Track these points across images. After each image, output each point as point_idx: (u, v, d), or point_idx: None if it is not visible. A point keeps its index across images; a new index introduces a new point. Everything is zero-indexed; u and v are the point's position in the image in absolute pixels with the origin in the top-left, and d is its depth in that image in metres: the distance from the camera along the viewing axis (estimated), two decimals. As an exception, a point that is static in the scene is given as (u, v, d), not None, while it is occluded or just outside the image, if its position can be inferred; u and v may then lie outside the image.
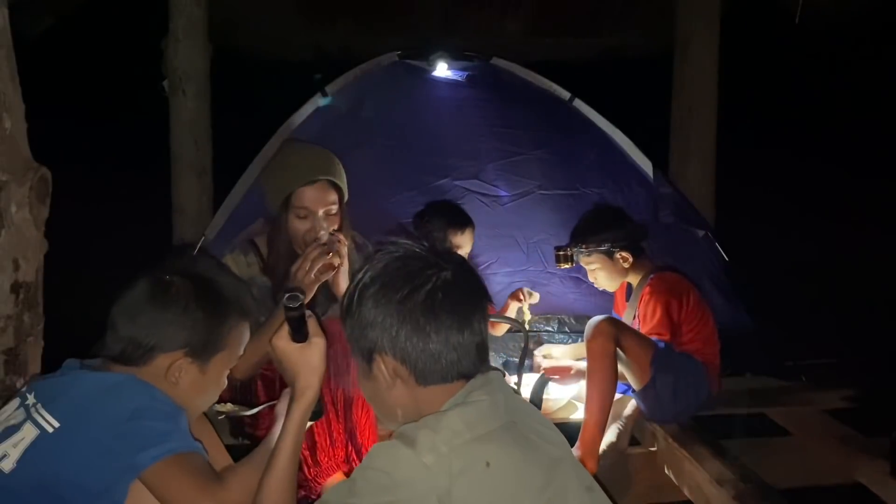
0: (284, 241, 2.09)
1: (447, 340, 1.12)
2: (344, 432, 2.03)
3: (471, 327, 1.14)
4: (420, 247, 1.18)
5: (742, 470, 2.14)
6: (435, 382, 1.14)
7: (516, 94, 3.72)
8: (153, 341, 1.32)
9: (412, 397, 1.15)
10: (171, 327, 1.33)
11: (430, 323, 1.11)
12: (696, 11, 4.18)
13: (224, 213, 3.29)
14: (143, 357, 1.33)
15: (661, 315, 2.51)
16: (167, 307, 1.34)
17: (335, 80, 3.59)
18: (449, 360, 1.13)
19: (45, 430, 1.22)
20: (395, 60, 3.66)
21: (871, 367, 3.07)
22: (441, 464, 1.03)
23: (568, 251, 2.72)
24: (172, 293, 1.34)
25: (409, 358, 1.12)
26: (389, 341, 1.13)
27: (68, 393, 1.28)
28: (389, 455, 1.06)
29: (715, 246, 3.44)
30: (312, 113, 3.47)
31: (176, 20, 3.87)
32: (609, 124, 3.66)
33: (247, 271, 2.10)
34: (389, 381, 1.15)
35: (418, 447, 1.04)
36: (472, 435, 1.06)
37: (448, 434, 1.05)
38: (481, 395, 1.12)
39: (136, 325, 1.33)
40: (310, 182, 2.03)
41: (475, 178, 3.55)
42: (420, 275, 1.13)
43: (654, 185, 3.51)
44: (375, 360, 1.15)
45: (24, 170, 1.71)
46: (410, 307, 1.11)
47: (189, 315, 1.34)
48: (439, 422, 1.07)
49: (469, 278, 1.18)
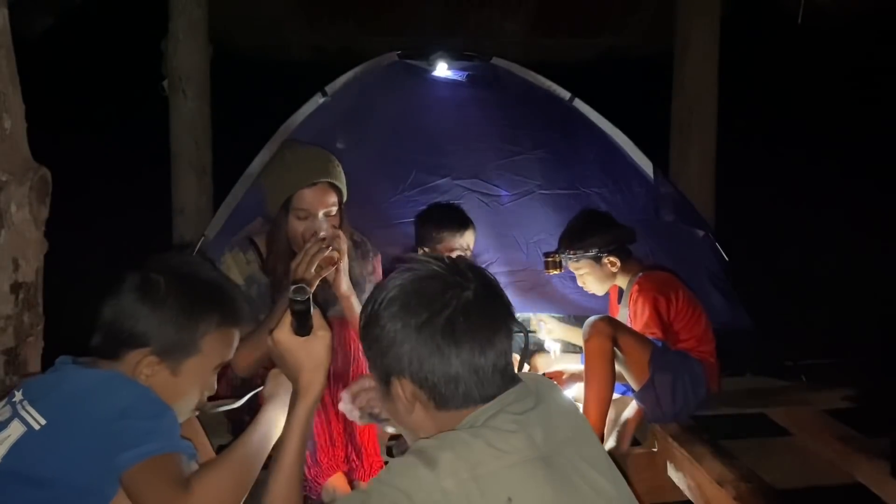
0: (283, 242, 2.09)
1: (469, 364, 1.07)
2: (344, 432, 2.03)
3: (493, 347, 1.09)
4: (440, 265, 1.13)
5: (742, 470, 2.14)
6: (455, 407, 1.09)
7: (516, 93, 3.71)
8: (124, 335, 1.29)
9: (432, 421, 1.11)
10: (142, 322, 1.29)
11: (451, 347, 1.07)
12: (696, 11, 4.17)
13: (224, 212, 3.29)
14: (115, 351, 1.30)
15: (651, 312, 2.52)
16: (143, 302, 1.30)
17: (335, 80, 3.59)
18: (470, 385, 1.08)
19: (31, 428, 1.20)
20: (395, 60, 3.66)
21: (871, 367, 3.07)
22: (460, 491, 0.97)
23: (556, 257, 2.76)
24: (151, 289, 1.31)
25: (427, 383, 1.08)
26: (408, 365, 1.09)
27: (56, 390, 1.26)
28: (408, 474, 1.00)
29: (715, 246, 3.44)
30: (312, 113, 3.47)
31: (176, 20, 3.87)
32: (609, 124, 3.65)
33: (246, 269, 2.11)
34: (408, 405, 1.12)
35: (439, 470, 0.98)
36: (499, 465, 1.00)
37: (472, 460, 0.99)
38: (511, 423, 1.04)
39: (113, 317, 1.30)
40: (310, 184, 2.03)
41: (475, 178, 3.55)
42: (440, 298, 1.08)
43: (655, 185, 3.51)
44: (393, 383, 1.12)
45: (24, 170, 1.71)
46: (430, 332, 1.07)
47: (161, 313, 1.30)
48: (464, 445, 1.01)
49: (492, 296, 1.13)
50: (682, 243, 3.42)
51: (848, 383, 2.93)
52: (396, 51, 3.66)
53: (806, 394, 2.91)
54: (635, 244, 2.83)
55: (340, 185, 2.10)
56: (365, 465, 2.04)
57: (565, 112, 3.66)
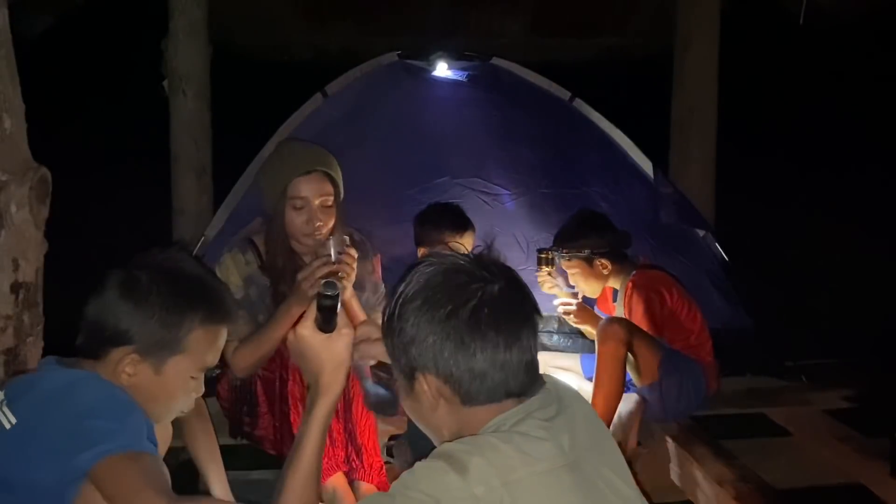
0: (281, 235, 2.08)
1: (493, 359, 1.05)
2: (344, 432, 2.03)
3: (519, 343, 1.06)
4: (465, 259, 1.12)
5: (742, 470, 2.14)
6: (481, 403, 1.06)
7: (516, 93, 3.72)
8: (106, 334, 1.27)
9: (457, 418, 1.09)
10: (124, 319, 1.26)
11: (476, 340, 1.04)
12: (696, 11, 4.17)
13: (224, 212, 3.29)
14: (98, 350, 1.28)
15: (644, 310, 2.52)
16: (125, 299, 1.27)
17: (335, 80, 3.59)
18: (495, 380, 1.05)
19: (2, 427, 1.19)
20: (395, 60, 3.66)
21: (871, 367, 3.07)
22: (491, 498, 0.95)
23: (549, 254, 2.75)
24: (133, 285, 1.28)
25: (453, 377, 1.05)
26: (432, 360, 1.06)
27: (32, 390, 1.25)
28: (437, 479, 0.97)
29: (715, 246, 3.44)
30: (312, 113, 3.47)
31: (176, 20, 3.86)
32: (609, 124, 3.66)
33: (245, 270, 2.10)
34: (433, 401, 1.09)
35: (469, 476, 0.95)
36: (528, 472, 0.98)
37: (503, 467, 0.97)
38: (540, 430, 1.02)
39: (96, 316, 1.28)
40: (305, 172, 2.03)
41: (475, 177, 3.55)
42: (465, 289, 1.06)
43: (655, 185, 3.51)
44: (417, 378, 1.09)
45: (24, 170, 1.71)
46: (454, 324, 1.04)
47: (144, 309, 1.26)
48: (494, 450, 0.98)
49: (517, 291, 1.11)
50: (682, 243, 3.43)
51: (848, 383, 2.93)
52: (396, 51, 3.67)
53: (806, 394, 2.91)
54: (634, 244, 2.82)
55: (336, 178, 2.10)
56: (365, 465, 2.04)
57: (565, 112, 3.67)
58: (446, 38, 4.64)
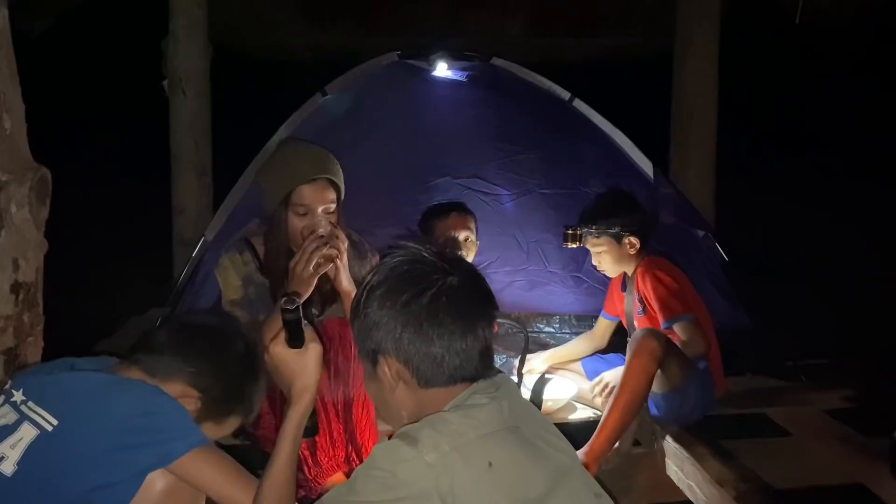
0: (282, 239, 2.08)
1: (450, 345, 1.12)
2: (344, 433, 2.03)
3: (474, 333, 1.14)
4: (429, 252, 1.19)
5: (742, 470, 2.14)
6: (437, 385, 1.14)
7: (516, 93, 3.71)
8: (187, 368, 1.37)
9: (415, 399, 1.16)
10: (220, 377, 1.39)
11: (434, 327, 1.11)
12: (696, 12, 4.17)
13: (224, 213, 3.29)
14: (163, 372, 1.36)
15: (668, 291, 2.49)
16: (237, 367, 1.42)
17: (335, 80, 3.59)
18: (451, 365, 1.13)
19: (44, 429, 1.21)
20: (395, 60, 3.65)
21: (871, 367, 3.07)
22: (443, 463, 1.03)
23: (577, 231, 2.69)
24: (251, 360, 1.43)
25: (412, 361, 1.13)
26: (393, 343, 1.13)
27: (66, 390, 1.27)
28: (391, 454, 1.05)
29: (715, 246, 3.44)
30: (312, 113, 3.47)
31: (176, 20, 3.87)
32: (609, 124, 3.65)
33: (243, 270, 2.10)
34: (392, 383, 1.16)
35: (420, 446, 1.04)
36: (475, 434, 1.07)
37: (451, 434, 1.05)
38: (483, 398, 1.12)
39: (188, 356, 1.38)
40: (310, 180, 2.03)
41: (475, 178, 3.55)
42: (426, 279, 1.14)
43: (655, 185, 3.50)
44: (379, 361, 1.16)
45: (24, 170, 1.71)
46: (414, 310, 1.12)
47: (227, 371, 1.40)
48: (442, 421, 1.08)
49: (476, 285, 1.18)
50: (681, 243, 3.42)
51: (848, 383, 2.93)
52: (396, 51, 3.66)
53: (806, 394, 2.90)
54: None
55: (339, 183, 2.10)
56: (365, 465, 2.04)
57: (565, 112, 3.66)
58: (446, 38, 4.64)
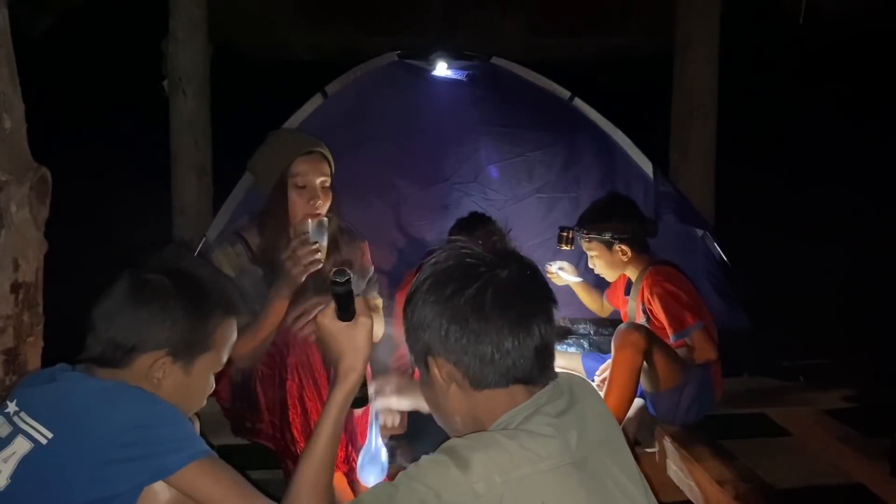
0: (282, 220, 2.08)
1: (500, 343, 1.04)
2: (344, 433, 2.03)
3: (528, 330, 1.05)
4: (478, 247, 1.12)
5: (742, 470, 2.14)
6: (490, 387, 1.06)
7: (516, 93, 3.72)
8: (133, 341, 1.27)
9: (469, 403, 1.08)
10: (150, 326, 1.27)
11: (479, 322, 1.04)
12: (696, 11, 4.17)
13: (225, 213, 3.29)
14: (124, 358, 1.27)
15: (674, 303, 2.49)
16: (145, 305, 1.28)
17: (335, 80, 3.59)
18: (503, 364, 1.05)
19: (38, 442, 1.18)
20: (394, 60, 3.66)
21: (871, 367, 3.07)
22: (492, 495, 0.95)
23: (570, 233, 2.73)
24: (149, 290, 1.28)
25: (461, 360, 1.06)
26: (440, 342, 1.07)
27: (58, 401, 1.24)
28: (439, 473, 0.97)
29: (714, 246, 3.44)
30: (312, 113, 3.47)
31: (176, 20, 3.86)
32: (609, 124, 3.65)
33: (236, 261, 2.10)
34: (444, 385, 1.09)
35: (471, 472, 0.95)
36: (532, 469, 0.96)
37: (504, 464, 0.96)
38: (548, 426, 1.00)
39: (114, 326, 1.27)
40: (307, 152, 2.07)
41: (475, 178, 3.55)
42: (472, 271, 1.07)
43: (654, 185, 3.51)
44: (430, 363, 1.10)
45: (24, 170, 1.71)
46: (458, 304, 1.05)
47: (169, 313, 1.28)
48: (499, 448, 0.97)
49: (529, 278, 1.10)
50: (681, 243, 3.42)
51: (848, 383, 2.94)
52: (396, 51, 3.66)
53: (806, 394, 2.91)
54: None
55: (331, 160, 2.14)
56: (365, 465, 2.03)
57: (565, 112, 3.66)
58: (446, 38, 4.64)
